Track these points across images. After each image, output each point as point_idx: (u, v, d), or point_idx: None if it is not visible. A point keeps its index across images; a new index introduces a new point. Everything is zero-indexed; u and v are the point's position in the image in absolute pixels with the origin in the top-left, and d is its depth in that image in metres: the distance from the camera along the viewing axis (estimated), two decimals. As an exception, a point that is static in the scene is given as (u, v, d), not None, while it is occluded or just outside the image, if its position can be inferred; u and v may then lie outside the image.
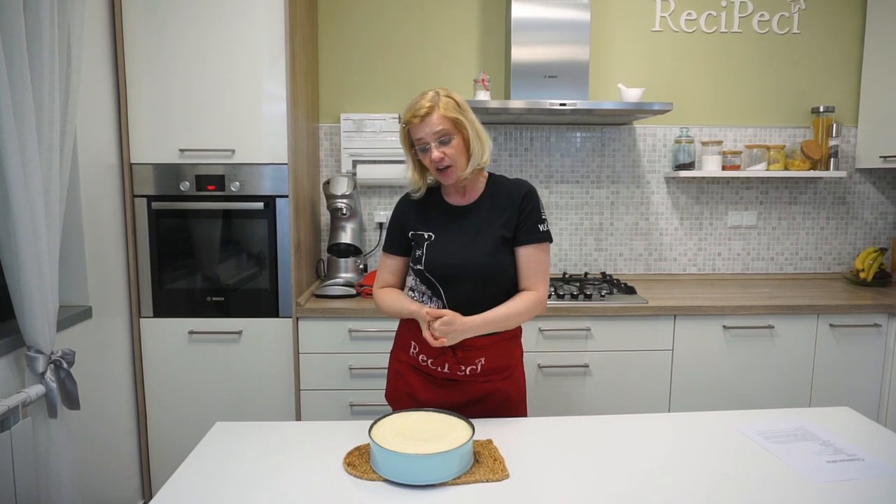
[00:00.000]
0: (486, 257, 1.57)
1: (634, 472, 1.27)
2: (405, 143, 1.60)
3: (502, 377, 1.65)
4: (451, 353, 1.59)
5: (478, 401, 1.62)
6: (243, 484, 1.22)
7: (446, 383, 1.64)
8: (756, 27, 2.97)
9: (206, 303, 2.43)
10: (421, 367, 1.66)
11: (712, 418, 1.55)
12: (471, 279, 1.57)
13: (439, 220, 1.63)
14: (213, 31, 2.30)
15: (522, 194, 1.61)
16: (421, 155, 1.56)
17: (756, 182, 3.05)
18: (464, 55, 2.93)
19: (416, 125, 1.52)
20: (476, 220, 1.61)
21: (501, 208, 1.61)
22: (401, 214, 1.69)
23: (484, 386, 1.63)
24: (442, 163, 1.53)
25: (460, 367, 1.61)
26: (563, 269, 3.05)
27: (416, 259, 1.62)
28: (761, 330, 2.47)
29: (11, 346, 1.68)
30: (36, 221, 1.64)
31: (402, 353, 1.70)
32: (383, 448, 1.22)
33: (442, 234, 1.61)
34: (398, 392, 1.70)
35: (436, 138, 1.52)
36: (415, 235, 1.64)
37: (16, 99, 1.55)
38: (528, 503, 1.15)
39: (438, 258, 1.58)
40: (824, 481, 1.22)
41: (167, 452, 2.47)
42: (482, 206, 1.62)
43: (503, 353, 1.64)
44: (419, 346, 1.64)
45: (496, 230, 1.59)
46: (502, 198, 1.62)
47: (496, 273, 1.58)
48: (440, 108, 1.52)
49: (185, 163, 2.36)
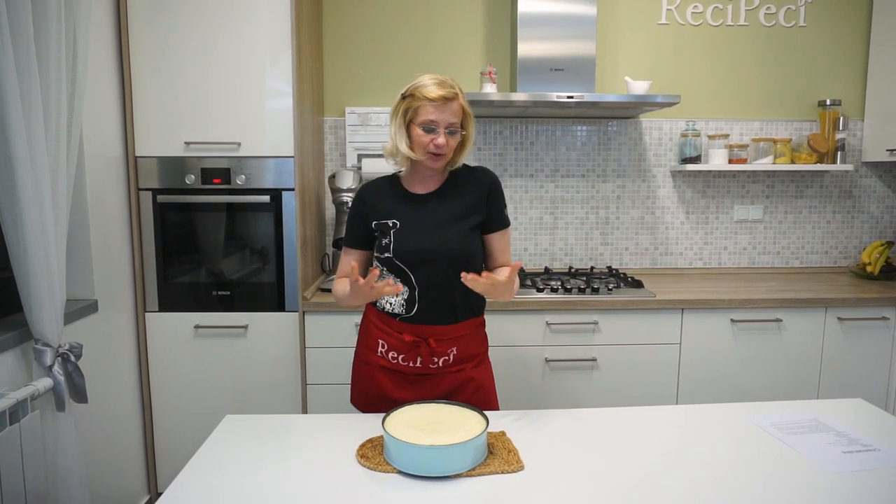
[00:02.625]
0: (458, 242, 1.58)
1: (649, 462, 1.26)
2: (402, 116, 1.55)
3: (473, 364, 1.66)
4: (425, 344, 1.59)
5: (451, 393, 1.63)
6: (256, 476, 1.21)
7: (418, 378, 1.64)
8: (762, 20, 2.96)
9: (211, 297, 2.42)
10: (391, 367, 1.65)
11: (724, 410, 1.54)
12: (443, 264, 1.57)
13: (403, 207, 1.62)
14: (220, 23, 2.29)
15: (490, 184, 1.65)
16: (420, 133, 1.52)
17: (762, 176, 3.04)
18: (469, 49, 2.92)
19: (437, 105, 1.50)
20: (441, 206, 1.61)
21: (467, 195, 1.62)
22: (361, 205, 1.65)
23: (457, 376, 1.64)
24: (442, 149, 1.53)
25: (433, 360, 1.61)
26: (568, 263, 3.04)
27: (383, 247, 1.59)
28: (769, 323, 2.46)
29: (19, 339, 1.67)
30: (43, 214, 1.63)
31: (370, 354, 1.68)
32: (398, 440, 1.21)
33: (408, 222, 1.60)
34: (368, 395, 1.68)
35: (448, 127, 1.52)
36: (378, 225, 1.61)
37: (23, 90, 1.54)
38: (544, 494, 1.15)
39: (408, 244, 1.57)
40: (841, 472, 1.21)
41: (173, 447, 2.46)
42: (446, 192, 1.63)
43: (472, 341, 1.67)
44: (388, 343, 1.64)
45: (467, 216, 1.60)
46: (467, 185, 1.64)
47: (469, 257, 1.59)
48: (461, 98, 1.54)
49: (191, 156, 2.35)
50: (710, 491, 1.15)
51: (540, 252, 3.03)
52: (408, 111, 1.54)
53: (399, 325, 1.61)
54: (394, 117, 1.58)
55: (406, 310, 1.60)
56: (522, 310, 2.40)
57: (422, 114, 1.52)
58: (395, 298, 1.62)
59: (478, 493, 1.15)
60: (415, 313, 1.60)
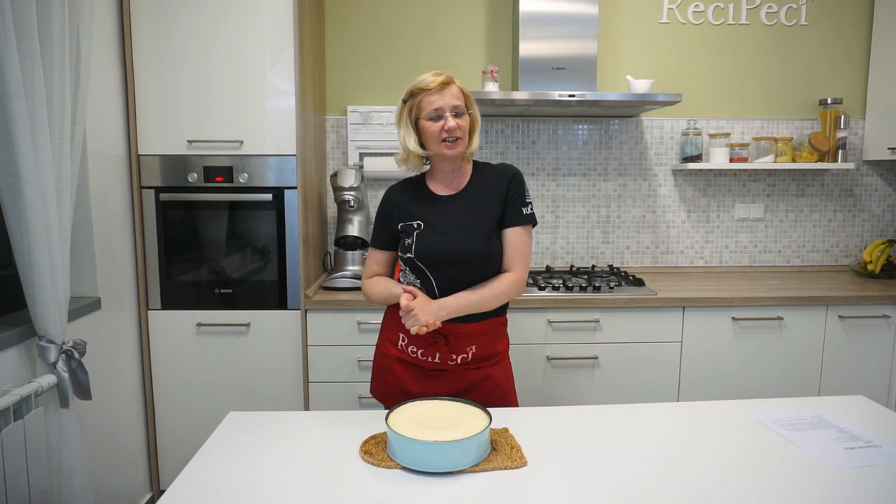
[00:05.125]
0: (479, 244, 1.58)
1: (651, 458, 1.27)
2: (406, 117, 1.59)
3: (492, 363, 1.67)
4: (444, 341, 1.59)
5: (468, 389, 1.64)
6: (259, 472, 1.22)
7: (437, 374, 1.64)
8: (764, 19, 2.96)
9: (214, 295, 2.42)
10: (410, 360, 1.66)
11: (726, 407, 1.55)
12: (461, 265, 1.57)
13: (427, 209, 1.63)
14: (222, 21, 2.29)
15: (509, 177, 1.64)
16: (430, 124, 1.55)
17: (763, 174, 3.04)
18: (471, 48, 2.92)
19: (436, 91, 1.54)
20: (465, 207, 1.62)
21: (490, 194, 1.62)
22: (388, 206, 1.68)
23: (475, 373, 1.64)
24: (455, 133, 1.55)
25: (451, 356, 1.62)
26: (570, 261, 3.04)
27: (406, 248, 1.61)
28: (770, 321, 2.47)
29: (23, 336, 1.67)
30: (48, 211, 1.63)
31: (390, 346, 1.69)
32: (401, 436, 1.22)
33: (431, 223, 1.61)
34: (387, 386, 1.69)
35: (453, 110, 1.55)
36: (404, 226, 1.63)
37: (28, 88, 1.55)
38: (547, 490, 1.15)
39: (429, 245, 1.58)
40: (844, 468, 1.22)
41: (175, 444, 2.47)
42: (469, 193, 1.63)
43: (492, 341, 1.66)
44: (408, 337, 1.64)
45: (488, 216, 1.60)
46: (490, 184, 1.64)
47: (488, 259, 1.60)
48: (457, 83, 1.58)
49: (193, 154, 2.35)
50: (712, 486, 1.16)
51: (541, 250, 3.04)
52: (412, 109, 1.57)
53: None
54: (400, 122, 1.61)
55: None
56: (524, 308, 2.40)
57: (425, 105, 1.55)
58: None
59: (481, 489, 1.15)
60: None
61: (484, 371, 1.65)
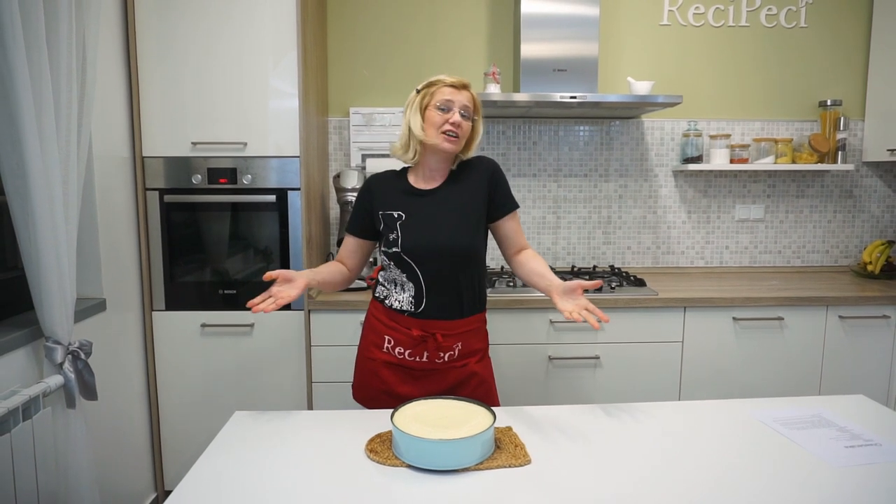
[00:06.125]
0: (467, 237, 1.62)
1: (654, 456, 1.28)
2: (417, 104, 1.62)
3: (476, 359, 1.70)
4: (432, 339, 1.62)
5: (456, 387, 1.67)
6: (266, 471, 1.23)
7: (423, 374, 1.67)
8: (764, 21, 2.98)
9: (217, 296, 2.44)
10: (397, 362, 1.67)
11: (728, 406, 1.56)
12: (450, 259, 1.61)
13: (408, 201, 1.66)
14: (225, 24, 2.31)
15: (490, 170, 1.69)
16: (437, 113, 1.59)
17: (763, 175, 3.06)
18: (473, 50, 2.94)
19: (454, 88, 1.60)
20: (446, 201, 1.64)
21: (470, 187, 1.66)
22: (368, 193, 1.71)
23: (461, 371, 1.67)
24: (458, 129, 1.59)
25: (439, 354, 1.65)
26: (571, 262, 3.06)
27: (391, 242, 1.63)
28: (771, 322, 2.48)
29: (31, 337, 1.69)
30: (54, 212, 1.65)
31: (375, 350, 1.70)
32: (407, 434, 1.23)
33: (413, 216, 1.63)
34: (372, 390, 1.70)
35: (462, 108, 1.60)
36: (384, 215, 1.65)
37: (35, 92, 1.56)
38: (551, 487, 1.17)
39: (416, 239, 1.61)
40: (844, 466, 1.23)
41: (179, 445, 2.48)
42: (449, 188, 1.66)
43: (476, 337, 1.71)
44: (395, 340, 1.66)
45: (472, 209, 1.64)
46: (469, 177, 1.68)
47: (476, 252, 1.64)
48: (472, 91, 1.64)
49: (197, 156, 2.37)
50: (713, 484, 1.17)
51: (543, 251, 3.05)
52: (424, 97, 1.61)
53: (407, 321, 1.64)
54: (408, 109, 1.64)
55: (414, 307, 1.63)
56: (526, 308, 2.42)
57: (438, 95, 1.59)
58: (404, 295, 1.64)
59: (486, 487, 1.17)
60: (423, 309, 1.63)
61: (469, 368, 1.68)
